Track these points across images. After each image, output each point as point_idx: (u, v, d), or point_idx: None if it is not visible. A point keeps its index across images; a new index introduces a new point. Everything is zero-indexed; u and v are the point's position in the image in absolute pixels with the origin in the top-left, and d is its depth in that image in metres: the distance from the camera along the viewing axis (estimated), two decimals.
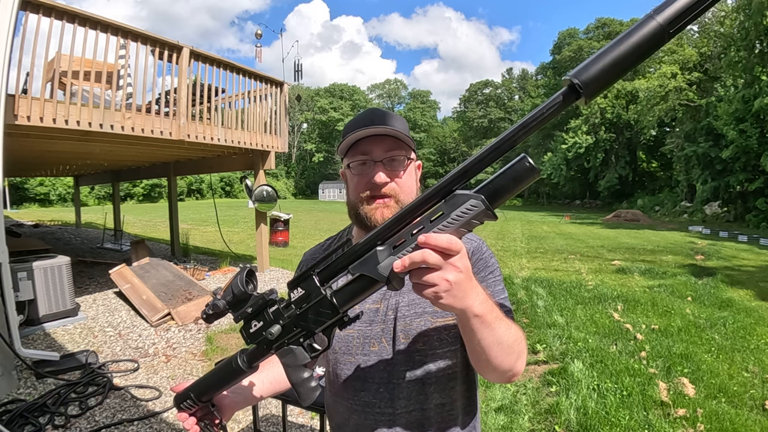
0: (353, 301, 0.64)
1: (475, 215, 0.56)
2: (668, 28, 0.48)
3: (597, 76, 0.50)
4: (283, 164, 64.93)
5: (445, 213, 0.57)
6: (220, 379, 0.78)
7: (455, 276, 0.58)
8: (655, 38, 0.49)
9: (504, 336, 0.71)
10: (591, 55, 0.52)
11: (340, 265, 0.64)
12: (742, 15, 18.10)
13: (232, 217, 20.40)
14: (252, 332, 0.71)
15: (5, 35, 3.03)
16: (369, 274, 0.60)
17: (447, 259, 0.57)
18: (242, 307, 0.70)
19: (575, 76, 0.51)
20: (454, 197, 0.57)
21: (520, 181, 0.55)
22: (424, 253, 0.56)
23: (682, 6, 0.48)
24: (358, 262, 0.62)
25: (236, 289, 0.69)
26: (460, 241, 0.58)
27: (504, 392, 3.07)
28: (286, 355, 0.69)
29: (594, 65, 0.50)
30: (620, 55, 0.50)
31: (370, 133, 0.82)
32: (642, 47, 0.50)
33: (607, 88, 0.51)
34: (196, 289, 5.02)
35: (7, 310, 3.17)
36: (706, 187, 21.53)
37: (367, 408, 0.87)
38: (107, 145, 5.54)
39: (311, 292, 0.66)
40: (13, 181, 25.56)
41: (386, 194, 0.84)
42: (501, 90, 60.52)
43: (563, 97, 0.52)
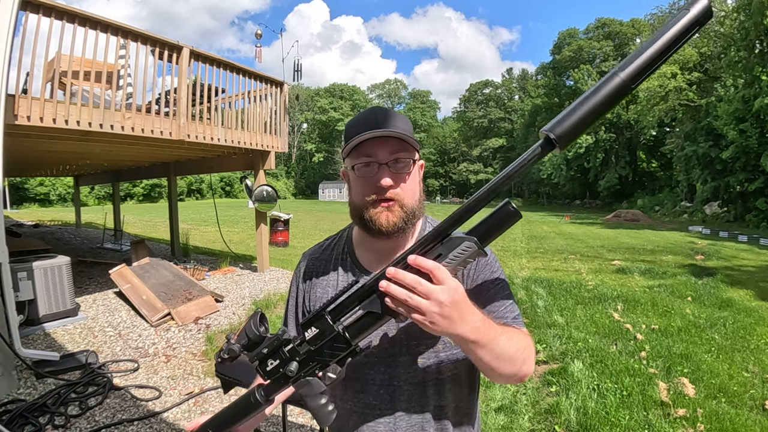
0: (363, 334, 0.71)
1: (470, 255, 0.66)
2: (630, 83, 0.58)
3: (569, 130, 0.60)
4: (283, 164, 64.95)
5: (443, 254, 0.66)
6: (238, 413, 0.82)
7: (438, 308, 0.64)
8: (619, 92, 0.59)
9: (505, 350, 0.74)
10: (563, 110, 0.61)
11: (351, 304, 0.72)
12: (742, 15, 18.10)
13: (232, 217, 20.40)
14: (269, 370, 0.76)
15: (5, 35, 3.03)
16: (379, 311, 0.69)
17: (430, 292, 0.64)
18: (257, 349, 0.75)
19: (551, 130, 0.60)
20: (451, 240, 0.66)
21: (506, 222, 0.66)
22: (416, 281, 0.64)
23: (641, 64, 0.58)
24: (368, 301, 0.70)
25: (251, 333, 0.74)
26: (447, 272, 0.65)
27: (504, 392, 3.07)
28: (303, 387, 0.75)
29: (566, 121, 0.60)
30: (589, 110, 0.60)
31: (375, 134, 0.81)
32: (608, 101, 0.59)
33: (578, 137, 0.61)
34: (196, 289, 5.02)
35: (7, 310, 3.18)
36: (706, 187, 21.53)
37: (367, 410, 0.87)
38: (107, 145, 5.54)
39: (325, 330, 0.72)
40: (13, 181, 25.56)
41: (390, 198, 0.83)
42: (501, 90, 60.54)
43: (541, 148, 0.62)
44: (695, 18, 0.58)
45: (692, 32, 0.58)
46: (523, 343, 0.78)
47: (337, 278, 0.94)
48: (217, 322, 4.55)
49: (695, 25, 0.58)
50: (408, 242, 0.92)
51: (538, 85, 50.55)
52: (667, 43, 0.58)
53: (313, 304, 0.95)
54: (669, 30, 0.58)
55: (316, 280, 0.97)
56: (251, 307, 5.08)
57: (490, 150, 56.81)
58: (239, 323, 4.55)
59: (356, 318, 0.71)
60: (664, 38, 0.58)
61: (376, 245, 0.91)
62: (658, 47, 0.58)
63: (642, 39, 36.35)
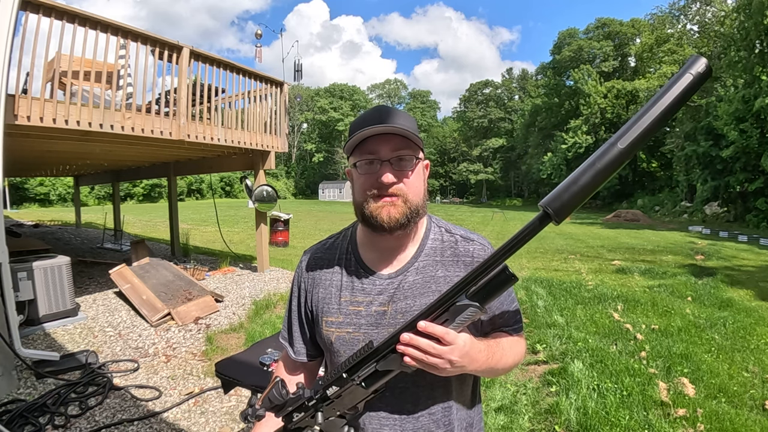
0: (379, 383, 0.78)
1: (474, 317, 0.73)
2: (629, 152, 0.57)
3: (567, 204, 0.60)
4: (283, 164, 64.94)
5: (450, 319, 0.73)
6: None
7: (450, 366, 0.73)
8: (617, 162, 0.58)
9: (502, 364, 0.85)
10: (562, 182, 0.61)
11: (365, 363, 0.77)
12: (742, 15, 18.09)
13: (232, 217, 20.40)
14: (295, 420, 0.83)
15: (5, 35, 3.03)
16: (395, 369, 0.76)
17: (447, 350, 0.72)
18: (282, 408, 0.82)
19: (548, 205, 0.61)
20: (456, 307, 0.72)
21: (503, 285, 0.70)
22: (429, 345, 0.71)
23: (640, 135, 0.57)
24: (385, 362, 0.76)
25: (275, 400, 0.81)
26: (456, 334, 0.72)
27: (504, 392, 3.07)
28: (328, 426, 0.82)
29: (564, 194, 0.60)
30: (587, 182, 0.59)
31: (377, 131, 0.80)
32: (606, 172, 0.59)
33: (576, 209, 0.62)
34: (196, 289, 5.02)
35: (7, 310, 3.17)
36: (706, 187, 21.51)
37: (373, 412, 0.86)
38: (107, 145, 5.54)
39: (344, 386, 0.79)
40: (13, 181, 25.56)
41: (393, 194, 0.82)
42: (501, 90, 60.53)
43: (539, 221, 0.63)
44: (695, 81, 0.56)
45: (691, 94, 0.56)
46: (517, 350, 0.89)
47: (341, 278, 0.92)
48: (217, 322, 4.55)
49: (695, 87, 0.56)
50: (411, 241, 0.91)
51: (538, 85, 50.53)
52: (666, 110, 0.56)
53: (315, 305, 0.94)
54: (667, 95, 0.56)
55: (318, 279, 0.95)
56: (251, 307, 5.07)
57: (490, 150, 56.80)
58: (239, 323, 4.55)
59: (371, 373, 0.77)
60: (663, 105, 0.56)
61: (379, 244, 0.90)
62: (657, 115, 0.56)
63: (642, 39, 36.36)
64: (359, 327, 0.86)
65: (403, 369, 0.75)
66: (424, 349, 0.71)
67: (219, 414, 2.86)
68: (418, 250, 0.90)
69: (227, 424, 2.76)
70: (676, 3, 25.66)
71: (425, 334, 0.71)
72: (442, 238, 0.92)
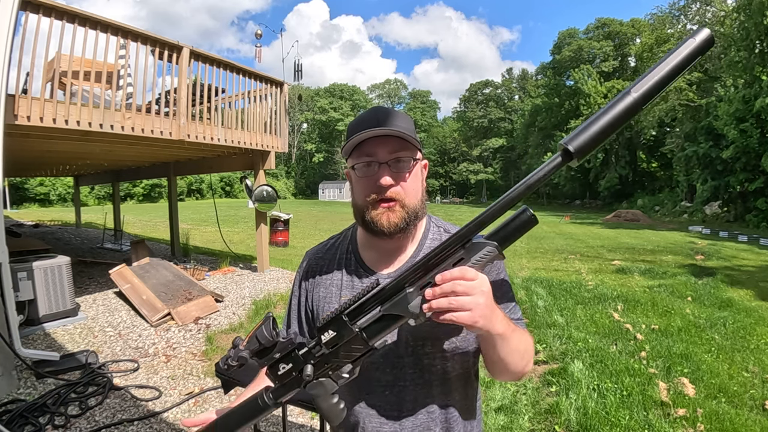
0: (380, 335, 0.72)
1: (490, 258, 0.69)
2: (642, 102, 0.63)
3: (586, 143, 0.64)
4: (283, 164, 64.95)
5: (465, 258, 0.68)
6: (244, 417, 0.81)
7: (484, 297, 0.66)
8: (631, 110, 0.63)
9: (519, 345, 0.78)
10: (580, 125, 0.66)
11: (370, 306, 0.72)
12: (742, 15, 18.09)
13: (232, 217, 20.40)
14: (280, 374, 0.75)
15: (5, 35, 3.03)
16: (401, 314, 0.70)
17: (471, 288, 0.65)
18: (268, 354, 0.74)
19: (568, 143, 0.64)
20: (473, 245, 0.68)
21: (524, 228, 0.68)
22: (454, 285, 0.65)
23: (653, 85, 0.63)
24: (391, 304, 0.70)
25: (263, 338, 0.72)
26: (474, 270, 0.67)
27: (504, 392, 3.07)
28: (315, 388, 0.74)
29: (584, 134, 0.64)
30: (604, 125, 0.64)
31: (374, 134, 0.80)
32: (621, 117, 0.64)
33: (594, 149, 0.65)
34: (196, 289, 5.02)
35: (7, 310, 3.17)
36: (706, 187, 21.51)
37: (372, 411, 0.86)
38: (107, 145, 5.54)
39: (342, 332, 0.71)
40: (13, 181, 25.56)
41: (391, 198, 0.83)
42: (501, 90, 60.53)
43: (561, 158, 0.66)
44: (699, 45, 0.63)
45: (695, 58, 0.63)
46: (529, 342, 0.84)
47: (341, 278, 0.93)
48: (217, 322, 4.55)
49: (699, 52, 0.63)
50: (411, 242, 0.92)
51: (538, 85, 50.53)
52: (675, 67, 0.63)
53: (316, 304, 0.94)
54: (676, 54, 0.63)
55: (319, 279, 0.96)
56: (251, 307, 5.07)
57: (490, 150, 56.81)
58: (239, 323, 4.55)
59: (374, 319, 0.71)
60: (673, 62, 0.63)
61: (380, 245, 0.91)
62: (668, 70, 0.63)
63: (642, 39, 36.38)
64: None
65: (413, 317, 0.69)
66: (449, 289, 0.65)
67: None
68: (417, 249, 0.92)
69: None
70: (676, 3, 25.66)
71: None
72: (440, 237, 0.93)
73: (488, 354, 0.79)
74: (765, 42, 17.56)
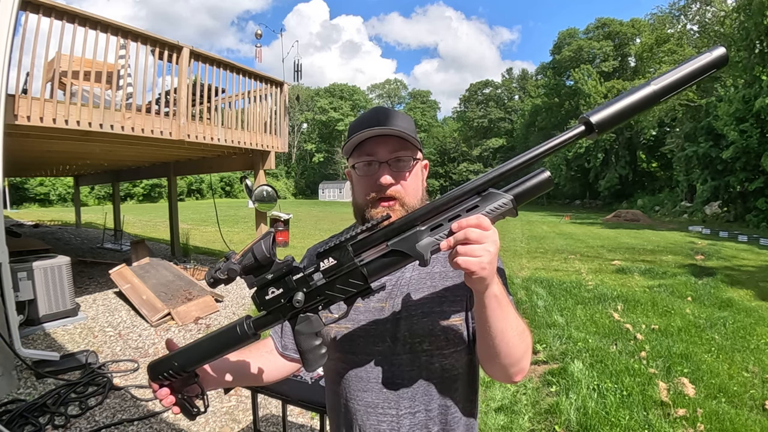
0: (382, 273, 0.69)
1: (505, 210, 0.67)
2: (660, 94, 0.67)
3: (608, 119, 0.66)
4: (283, 164, 64.94)
5: (480, 206, 0.67)
6: (218, 345, 0.74)
7: (494, 247, 0.65)
8: (649, 99, 0.67)
9: (514, 323, 0.75)
10: (603, 103, 0.69)
11: (377, 240, 0.68)
12: (742, 15, 18.09)
13: (232, 217, 20.40)
14: (268, 299, 0.70)
15: (5, 35, 3.03)
16: (407, 251, 0.66)
17: (484, 237, 0.64)
18: (261, 273, 0.68)
19: (591, 117, 0.67)
20: (489, 194, 0.68)
21: (541, 188, 0.69)
22: (467, 231, 0.64)
23: (673, 81, 0.66)
24: (399, 239, 0.67)
25: (259, 253, 0.67)
26: (488, 220, 0.66)
27: (504, 392, 3.07)
28: (302, 322, 0.70)
29: (605, 110, 0.67)
30: (624, 107, 0.67)
31: (375, 133, 0.81)
32: (640, 104, 0.67)
33: (613, 127, 0.68)
34: (196, 289, 5.02)
35: (7, 310, 3.17)
36: (706, 187, 21.51)
37: (370, 408, 0.86)
38: (107, 145, 5.54)
39: (343, 263, 0.68)
40: (13, 181, 25.55)
41: (391, 196, 0.83)
42: (501, 90, 60.52)
43: (582, 130, 0.67)
44: (716, 59, 0.67)
45: (710, 71, 0.67)
46: (526, 330, 0.79)
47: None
48: (217, 322, 4.55)
49: (714, 65, 0.67)
50: None
51: (538, 85, 50.53)
52: (692, 72, 0.67)
53: None
54: (695, 62, 0.67)
55: None
56: (251, 307, 5.08)
57: (490, 150, 56.80)
58: None
59: (379, 255, 0.68)
60: (691, 68, 0.67)
61: None
62: (685, 73, 0.67)
63: (642, 39, 36.40)
64: (357, 323, 0.86)
65: (418, 257, 0.66)
66: (462, 237, 0.64)
67: (219, 414, 2.86)
68: None
69: (227, 424, 2.76)
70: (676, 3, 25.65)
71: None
72: None
73: (483, 329, 0.74)
74: (765, 42, 17.55)
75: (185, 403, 0.78)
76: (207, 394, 0.80)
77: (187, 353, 0.76)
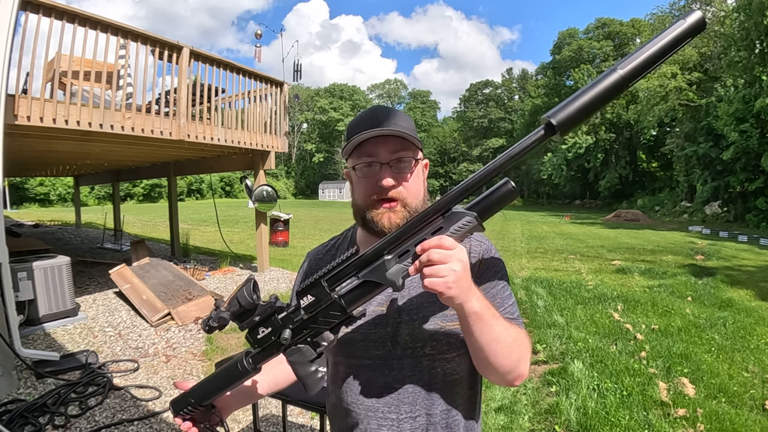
0: (359, 302, 0.72)
1: (469, 229, 0.68)
2: (628, 79, 0.62)
3: (569, 117, 0.63)
4: (283, 164, 64.95)
5: (444, 227, 0.68)
6: (224, 382, 0.81)
7: (460, 265, 0.66)
8: (616, 87, 0.62)
9: (502, 334, 0.75)
10: (563, 100, 0.64)
11: (349, 272, 0.72)
12: (743, 15, 18.07)
13: (232, 217, 20.40)
14: (260, 338, 0.75)
15: (5, 35, 3.03)
16: (378, 281, 0.69)
17: (447, 256, 0.65)
18: (249, 317, 0.74)
19: (552, 117, 0.63)
20: (452, 214, 0.68)
21: (505, 200, 0.68)
22: (429, 253, 0.66)
23: (639, 63, 0.62)
24: (369, 270, 0.70)
25: (243, 300, 0.72)
26: (451, 240, 0.67)
27: (504, 392, 3.07)
28: (293, 354, 0.75)
29: (567, 108, 0.63)
30: (588, 100, 0.63)
31: (375, 134, 0.80)
32: (606, 94, 0.63)
33: (577, 125, 0.65)
34: (196, 289, 5.02)
35: (7, 310, 3.17)
36: (706, 187, 21.52)
37: (371, 412, 0.85)
38: (107, 145, 5.54)
39: (321, 298, 0.72)
40: (13, 181, 25.56)
41: (393, 198, 0.82)
42: (501, 90, 60.54)
43: (544, 131, 0.64)
44: (690, 27, 0.62)
45: (686, 40, 0.62)
46: (520, 337, 0.79)
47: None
48: None
49: (689, 34, 0.62)
50: None
51: (538, 85, 50.54)
52: (664, 47, 0.62)
53: None
54: (666, 35, 0.63)
55: None
56: None
57: (490, 150, 56.78)
58: None
59: (353, 287, 0.71)
60: (662, 42, 0.62)
61: None
62: (656, 49, 0.62)
63: (642, 39, 36.40)
64: (358, 327, 0.86)
65: (391, 285, 0.68)
66: (425, 259, 0.66)
67: None
68: None
69: None
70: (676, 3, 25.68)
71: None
72: None
73: (469, 342, 0.76)
74: (765, 42, 17.54)
75: (206, 430, 0.86)
76: (225, 421, 0.89)
77: (199, 391, 0.83)
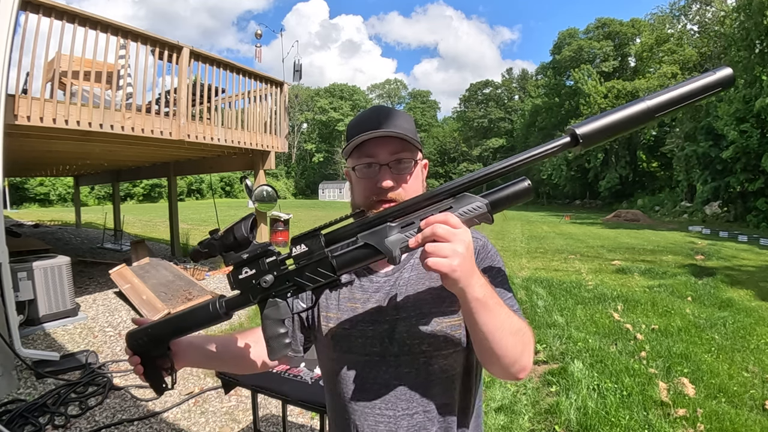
0: (351, 267, 0.69)
1: (478, 215, 0.66)
2: (654, 111, 0.65)
3: (595, 132, 0.65)
4: (283, 164, 64.95)
5: (453, 207, 0.67)
6: (190, 322, 0.76)
7: (464, 247, 0.63)
8: (642, 116, 0.65)
9: (506, 323, 0.71)
10: (591, 116, 0.68)
11: (349, 232, 0.69)
12: (742, 15, 18.10)
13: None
14: (241, 279, 0.71)
15: (5, 35, 3.03)
16: (375, 245, 0.66)
17: (451, 234, 0.63)
18: (238, 252, 0.70)
19: (577, 129, 0.66)
20: (464, 197, 0.67)
21: (519, 197, 0.68)
22: (434, 227, 0.63)
23: (667, 100, 0.65)
24: (369, 232, 0.67)
25: (238, 233, 0.69)
26: (457, 219, 0.65)
27: (504, 392, 3.07)
28: (269, 307, 0.71)
29: (593, 123, 0.66)
30: (614, 121, 0.66)
31: (375, 135, 0.80)
32: (631, 120, 0.66)
33: (600, 142, 0.67)
34: (196, 289, 5.02)
35: (7, 310, 3.18)
36: (706, 187, 21.51)
37: (367, 409, 0.85)
38: (107, 145, 5.54)
39: (314, 250, 0.69)
40: (13, 181, 25.56)
41: (392, 199, 0.82)
42: (501, 90, 60.54)
43: (568, 142, 0.66)
44: (718, 79, 0.65)
45: (712, 91, 0.65)
46: (524, 327, 0.76)
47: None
48: (218, 326, 4.54)
49: (717, 85, 0.65)
50: None
51: (538, 85, 50.51)
52: (690, 91, 0.65)
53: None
54: (694, 81, 0.66)
55: None
56: (251, 308, 5.07)
57: (490, 150, 56.79)
58: (239, 323, 4.55)
59: (350, 248, 0.68)
60: (689, 86, 0.65)
61: None
62: (682, 91, 0.65)
63: (642, 39, 36.44)
64: (356, 324, 0.86)
65: (388, 254, 0.65)
66: (429, 233, 0.63)
67: (219, 414, 2.87)
68: None
69: (227, 424, 2.76)
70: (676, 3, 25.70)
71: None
72: None
73: (473, 331, 0.73)
74: (765, 42, 17.55)
75: (155, 374, 0.80)
76: (176, 371, 0.82)
77: (161, 325, 0.78)
